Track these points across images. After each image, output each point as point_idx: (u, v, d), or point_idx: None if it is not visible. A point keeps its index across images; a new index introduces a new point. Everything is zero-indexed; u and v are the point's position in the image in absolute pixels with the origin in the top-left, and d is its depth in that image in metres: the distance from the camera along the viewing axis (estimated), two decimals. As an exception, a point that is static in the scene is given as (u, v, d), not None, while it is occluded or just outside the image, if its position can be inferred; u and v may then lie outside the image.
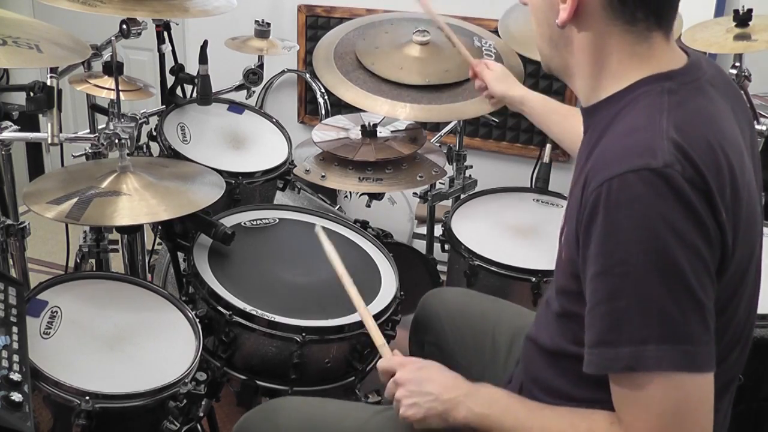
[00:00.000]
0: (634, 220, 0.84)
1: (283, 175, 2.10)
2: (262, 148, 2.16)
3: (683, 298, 0.84)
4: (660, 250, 0.83)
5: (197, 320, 1.46)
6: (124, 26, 1.78)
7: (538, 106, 1.61)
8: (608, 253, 0.86)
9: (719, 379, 1.01)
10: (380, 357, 1.21)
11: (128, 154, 1.61)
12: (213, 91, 2.08)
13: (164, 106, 2.14)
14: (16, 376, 1.13)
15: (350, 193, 2.76)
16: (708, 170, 0.86)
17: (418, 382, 1.08)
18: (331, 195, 2.75)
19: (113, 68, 1.70)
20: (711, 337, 0.87)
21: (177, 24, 2.42)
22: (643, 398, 0.87)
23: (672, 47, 0.99)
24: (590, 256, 0.89)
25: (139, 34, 1.84)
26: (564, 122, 1.57)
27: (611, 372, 0.90)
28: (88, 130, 2.07)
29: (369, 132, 2.05)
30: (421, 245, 2.64)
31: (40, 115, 1.49)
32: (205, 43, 2.00)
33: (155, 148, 2.07)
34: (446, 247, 2.00)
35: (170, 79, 2.16)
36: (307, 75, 3.35)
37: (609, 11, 0.95)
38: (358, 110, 2.07)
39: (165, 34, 2.17)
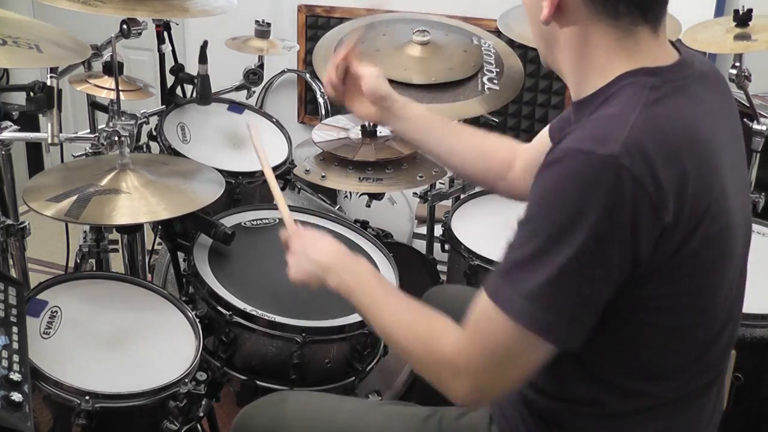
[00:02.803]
0: (558, 191, 0.88)
1: (283, 175, 2.10)
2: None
3: (566, 277, 0.87)
4: (564, 228, 0.86)
5: (197, 320, 1.46)
6: (124, 26, 1.78)
7: (410, 112, 1.40)
8: (529, 207, 0.92)
9: (701, 376, 1.02)
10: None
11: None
12: (213, 91, 2.08)
13: (164, 106, 2.14)
14: (16, 376, 1.13)
15: (350, 193, 2.76)
16: (665, 168, 0.86)
17: (304, 248, 1.22)
18: (331, 195, 2.75)
19: (113, 68, 1.70)
20: (578, 327, 0.90)
21: (177, 24, 2.42)
22: (488, 329, 0.94)
23: (661, 43, 0.98)
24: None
25: (139, 34, 1.84)
26: (446, 139, 1.41)
27: (485, 288, 0.95)
28: (88, 130, 2.07)
29: (369, 132, 2.05)
30: (421, 245, 2.64)
31: (40, 115, 1.49)
32: (205, 43, 2.00)
33: (155, 147, 2.07)
34: (446, 247, 2.00)
35: (170, 79, 2.15)
36: (307, 75, 3.35)
37: (591, 6, 0.94)
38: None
39: (165, 34, 2.17)
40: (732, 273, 1.00)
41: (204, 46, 2.00)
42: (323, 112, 3.32)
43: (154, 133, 2.03)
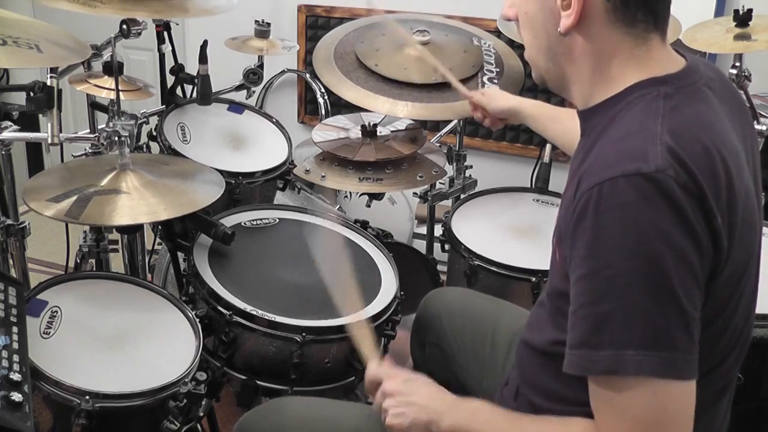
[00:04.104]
0: (623, 225, 0.84)
1: (283, 175, 2.10)
2: (262, 148, 2.16)
3: (668, 305, 0.84)
4: (647, 257, 0.83)
5: (197, 320, 1.46)
6: (124, 26, 1.78)
7: (534, 109, 1.65)
8: (595, 256, 0.86)
9: (717, 382, 1.01)
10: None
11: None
12: (213, 91, 2.08)
13: (164, 106, 2.15)
14: (16, 376, 1.13)
15: (350, 193, 2.76)
16: (702, 175, 0.86)
17: (406, 393, 1.10)
18: (331, 195, 2.75)
19: (113, 68, 1.70)
20: (694, 345, 0.87)
21: (177, 24, 2.42)
22: (621, 403, 0.87)
23: (668, 50, 0.99)
24: (577, 258, 0.89)
25: (139, 34, 1.84)
26: (559, 123, 1.59)
27: (591, 374, 0.90)
28: (88, 130, 2.07)
29: (369, 132, 2.05)
30: (421, 245, 2.64)
31: (40, 115, 1.49)
32: (205, 43, 2.00)
33: (155, 148, 2.07)
34: (446, 247, 2.00)
35: (170, 79, 2.16)
36: (307, 75, 3.35)
37: (611, 14, 0.94)
38: (358, 110, 2.07)
39: (165, 34, 2.17)
40: (753, 276, 1.00)
41: (204, 46, 2.00)
42: (323, 112, 3.32)
43: (154, 133, 2.03)
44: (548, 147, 2.23)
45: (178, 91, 2.17)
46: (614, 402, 0.88)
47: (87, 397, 1.23)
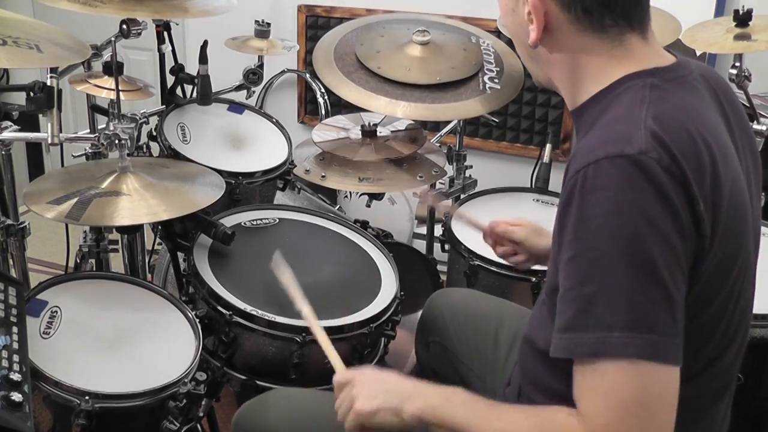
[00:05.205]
0: (607, 206, 0.84)
1: (283, 175, 2.10)
2: (262, 148, 2.16)
3: (651, 287, 0.84)
4: (630, 238, 0.83)
5: (197, 320, 1.46)
6: (124, 26, 1.78)
7: None
8: (580, 238, 0.87)
9: (716, 380, 1.01)
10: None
11: (128, 155, 1.61)
12: (213, 91, 2.08)
13: (164, 106, 2.14)
14: (16, 376, 1.13)
15: (350, 193, 2.76)
16: (686, 159, 0.86)
17: (376, 380, 1.08)
18: (331, 195, 2.75)
19: (113, 68, 1.70)
20: (679, 330, 0.86)
21: (177, 24, 2.43)
22: (604, 386, 0.86)
23: (653, 47, 0.99)
24: (565, 243, 0.89)
25: (139, 34, 1.84)
26: None
27: (575, 356, 0.89)
28: (88, 130, 2.07)
29: (369, 132, 2.05)
30: (421, 245, 2.64)
31: (40, 115, 1.49)
32: (205, 43, 2.00)
33: (155, 148, 2.07)
34: (446, 247, 2.00)
35: (170, 79, 2.16)
36: (307, 75, 3.35)
37: (577, 24, 0.96)
38: (358, 110, 2.07)
39: (165, 34, 2.17)
40: (748, 270, 1.00)
41: (204, 46, 2.00)
42: (323, 112, 3.32)
43: (154, 134, 2.03)
44: (548, 147, 2.23)
45: (178, 91, 2.17)
46: (597, 385, 0.87)
47: (87, 398, 1.23)
